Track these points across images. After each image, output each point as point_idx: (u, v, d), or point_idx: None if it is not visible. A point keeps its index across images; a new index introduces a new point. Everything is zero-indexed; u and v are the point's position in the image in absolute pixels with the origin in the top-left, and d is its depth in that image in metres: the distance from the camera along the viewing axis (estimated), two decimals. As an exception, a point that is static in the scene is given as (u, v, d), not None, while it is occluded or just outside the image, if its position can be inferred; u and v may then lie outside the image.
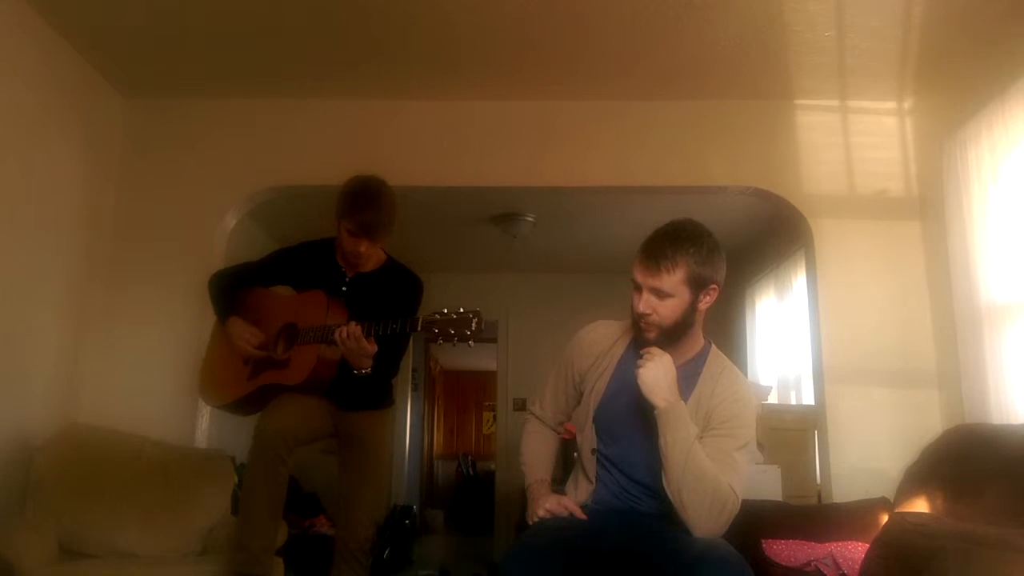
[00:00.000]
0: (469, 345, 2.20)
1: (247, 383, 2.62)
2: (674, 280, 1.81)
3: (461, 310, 2.17)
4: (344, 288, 2.63)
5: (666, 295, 1.82)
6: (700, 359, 1.95)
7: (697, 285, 1.83)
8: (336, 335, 2.35)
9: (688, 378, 1.90)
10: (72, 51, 3.30)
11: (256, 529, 2.44)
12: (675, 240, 1.83)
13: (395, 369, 2.70)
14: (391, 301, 2.55)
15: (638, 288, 1.86)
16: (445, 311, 2.19)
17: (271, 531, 2.47)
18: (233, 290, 2.73)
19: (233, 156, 3.74)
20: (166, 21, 3.11)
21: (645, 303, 1.84)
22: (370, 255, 2.63)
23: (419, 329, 2.27)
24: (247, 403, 2.66)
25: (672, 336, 1.86)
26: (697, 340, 1.96)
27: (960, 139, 3.13)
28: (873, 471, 3.24)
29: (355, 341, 2.33)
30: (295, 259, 2.74)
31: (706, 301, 1.87)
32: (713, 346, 1.99)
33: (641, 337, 1.89)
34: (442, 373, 11.47)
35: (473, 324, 2.16)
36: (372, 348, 2.36)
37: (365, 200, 2.53)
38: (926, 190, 3.50)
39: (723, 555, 1.67)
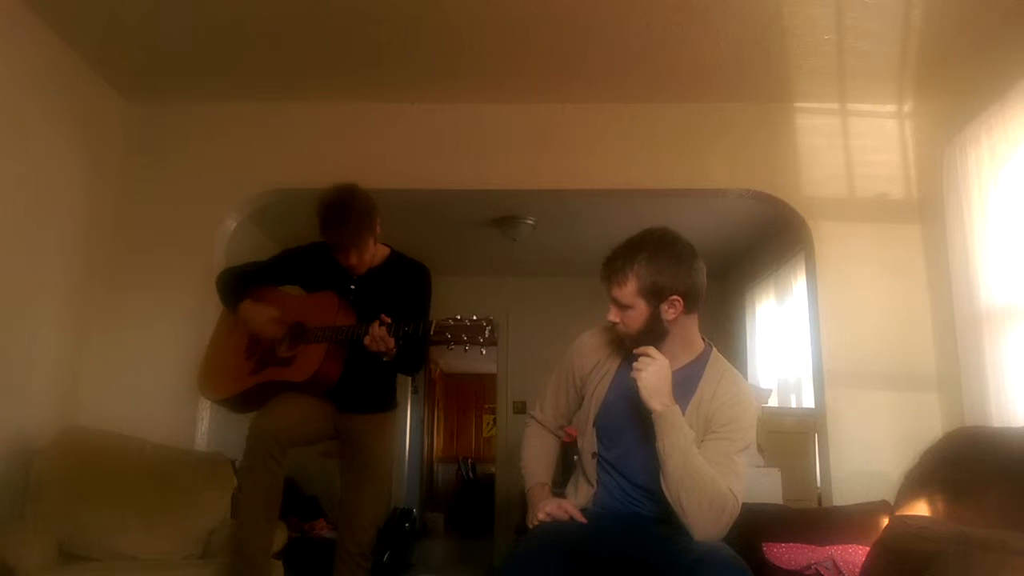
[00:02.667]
0: (481, 353, 2.24)
1: (248, 378, 2.61)
2: (627, 292, 1.83)
3: (474, 317, 2.21)
4: (352, 287, 2.63)
5: (624, 306, 1.85)
6: (700, 363, 1.95)
7: (653, 296, 1.82)
8: (367, 340, 2.34)
9: (688, 381, 1.90)
10: (73, 54, 3.30)
11: (251, 531, 2.43)
12: (628, 252, 1.85)
13: (421, 362, 2.69)
14: (401, 295, 2.56)
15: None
16: (459, 317, 2.22)
17: (267, 533, 2.46)
18: (242, 284, 2.72)
19: (233, 159, 3.74)
20: (167, 24, 3.12)
21: (612, 313, 1.88)
22: (367, 258, 2.63)
23: (432, 333, 2.27)
24: (247, 399, 2.64)
25: (645, 344, 1.86)
26: (694, 344, 1.96)
27: (960, 142, 3.13)
28: (873, 474, 3.24)
29: (383, 343, 2.33)
30: (303, 259, 2.73)
31: (670, 312, 1.85)
32: (714, 349, 1.99)
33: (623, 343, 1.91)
34: (442, 376, 11.46)
35: (486, 332, 2.21)
36: (391, 340, 2.35)
37: (333, 218, 2.53)
38: (926, 193, 3.51)
39: (724, 558, 1.67)
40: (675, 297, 1.84)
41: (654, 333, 1.86)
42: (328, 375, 2.50)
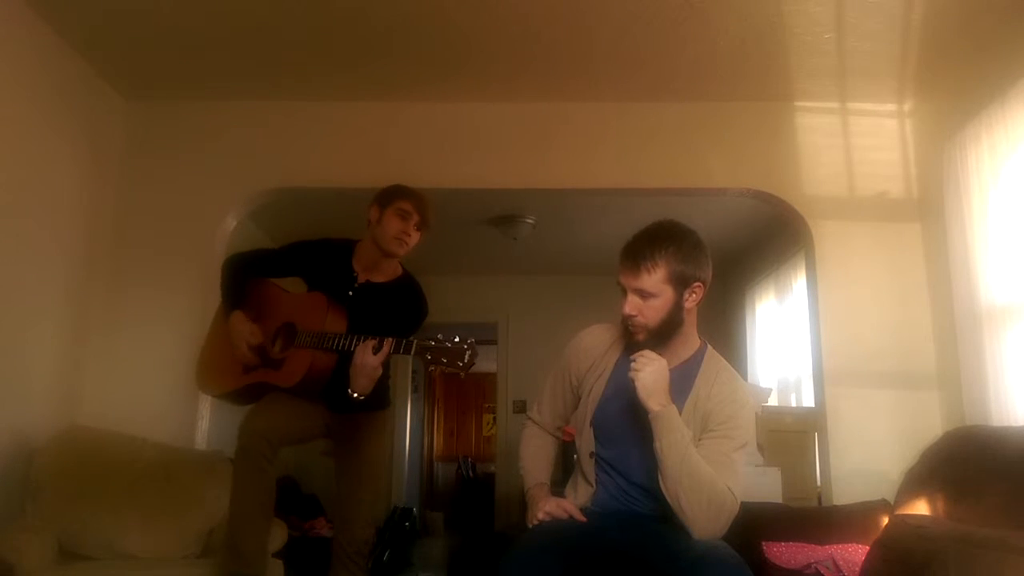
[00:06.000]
0: (461, 376, 2.21)
1: (241, 376, 2.61)
2: (655, 280, 1.82)
3: (456, 339, 2.14)
4: (350, 294, 2.61)
5: (649, 295, 1.83)
6: (696, 360, 1.95)
7: (680, 283, 1.84)
8: (357, 355, 2.27)
9: (684, 379, 1.90)
10: (73, 53, 3.30)
11: (246, 530, 2.43)
12: (654, 240, 1.84)
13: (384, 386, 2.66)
14: (392, 318, 2.51)
15: (623, 291, 1.87)
16: (440, 337, 2.15)
17: (262, 531, 2.46)
18: (244, 278, 2.70)
19: (233, 158, 3.74)
20: (167, 23, 3.11)
21: (630, 305, 1.85)
22: (408, 247, 2.62)
23: (412, 353, 2.23)
24: (239, 396, 2.65)
25: (661, 336, 1.87)
26: (692, 341, 1.96)
27: (960, 141, 3.13)
28: (873, 473, 3.24)
29: (371, 368, 2.26)
30: (312, 253, 2.71)
31: (692, 299, 1.87)
32: (709, 347, 1.99)
33: (632, 340, 1.90)
34: (442, 375, 11.46)
35: (466, 356, 2.13)
36: (379, 371, 2.30)
37: (415, 191, 2.65)
38: (926, 192, 3.51)
39: (723, 557, 1.67)
40: (698, 284, 1.86)
41: (672, 324, 1.87)
42: (315, 380, 2.47)
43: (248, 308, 2.66)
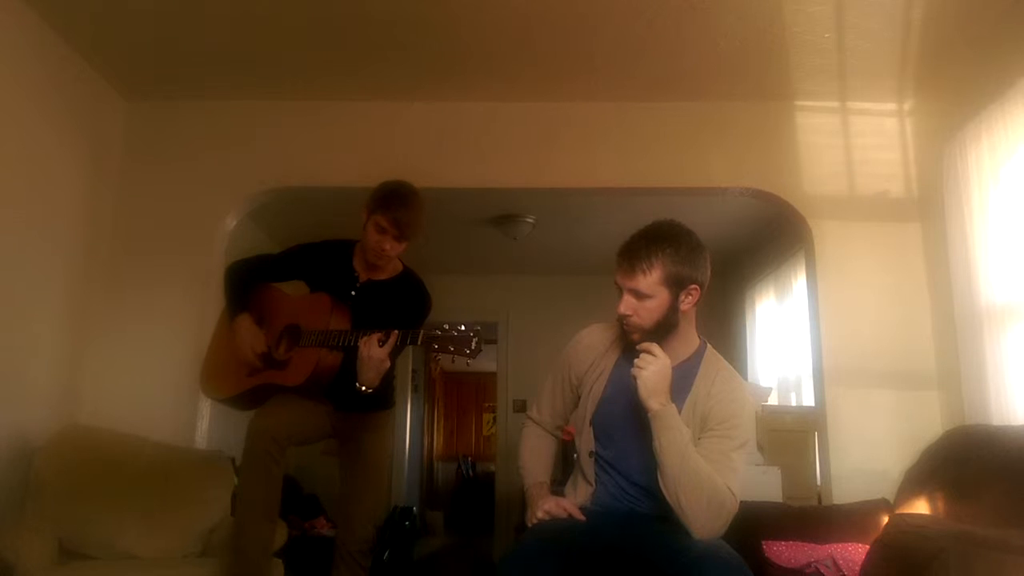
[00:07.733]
0: (467, 364, 2.21)
1: (246, 379, 2.61)
2: (651, 281, 1.82)
3: (462, 327, 2.16)
4: (353, 293, 2.62)
5: (644, 296, 1.83)
6: (695, 360, 1.95)
7: (675, 285, 1.83)
8: (363, 348, 2.30)
9: (684, 379, 1.90)
10: (73, 53, 3.30)
11: (251, 531, 2.43)
12: (651, 241, 1.84)
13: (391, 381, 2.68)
14: (396, 314, 2.51)
15: (620, 290, 1.87)
16: (446, 327, 2.18)
17: (266, 533, 2.46)
18: (249, 284, 2.71)
19: (234, 158, 3.74)
20: (167, 23, 3.12)
21: (625, 304, 1.85)
22: (391, 257, 2.60)
23: (419, 343, 2.25)
24: (245, 399, 2.65)
25: (656, 337, 1.87)
26: (691, 341, 1.96)
27: (960, 140, 3.13)
28: (873, 472, 3.24)
29: (378, 360, 2.30)
30: (313, 256, 2.71)
31: (687, 302, 1.87)
32: (709, 347, 1.99)
33: (627, 339, 1.90)
34: (442, 375, 11.45)
35: (473, 343, 2.15)
36: (387, 364, 2.33)
37: (401, 198, 2.53)
38: (926, 191, 3.51)
39: (723, 556, 1.67)
40: (694, 286, 1.86)
41: (667, 325, 1.86)
42: (321, 379, 2.49)
43: (252, 313, 2.67)
